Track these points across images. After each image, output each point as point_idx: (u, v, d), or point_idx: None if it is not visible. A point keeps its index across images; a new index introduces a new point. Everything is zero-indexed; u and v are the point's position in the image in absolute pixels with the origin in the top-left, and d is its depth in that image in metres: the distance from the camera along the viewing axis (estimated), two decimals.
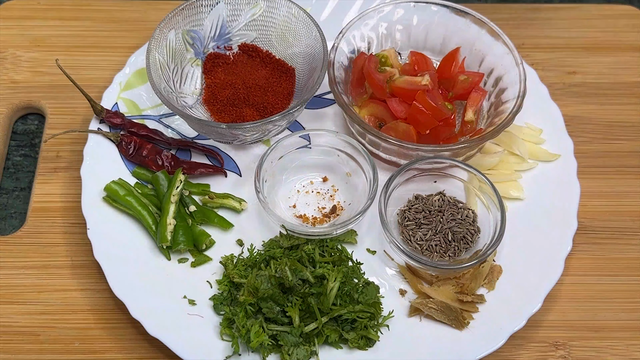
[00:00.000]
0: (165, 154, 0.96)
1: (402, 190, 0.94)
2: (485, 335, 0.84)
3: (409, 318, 0.87)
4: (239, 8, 1.02)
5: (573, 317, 0.90)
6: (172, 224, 0.89)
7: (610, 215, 0.98)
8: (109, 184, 0.92)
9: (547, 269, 0.88)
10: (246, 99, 0.98)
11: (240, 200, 0.94)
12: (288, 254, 0.87)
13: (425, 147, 0.90)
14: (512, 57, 0.96)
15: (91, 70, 1.08)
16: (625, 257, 0.95)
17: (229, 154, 0.99)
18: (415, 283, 0.88)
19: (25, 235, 0.94)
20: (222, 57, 1.03)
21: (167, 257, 0.90)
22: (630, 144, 1.04)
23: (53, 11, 1.14)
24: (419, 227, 0.91)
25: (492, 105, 0.98)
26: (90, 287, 0.90)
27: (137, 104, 1.01)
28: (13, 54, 1.09)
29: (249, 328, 0.81)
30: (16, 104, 1.05)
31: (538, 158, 0.98)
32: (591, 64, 1.12)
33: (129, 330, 0.88)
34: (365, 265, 0.89)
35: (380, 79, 0.95)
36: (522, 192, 0.95)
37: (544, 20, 1.16)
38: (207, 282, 0.88)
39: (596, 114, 1.07)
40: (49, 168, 0.99)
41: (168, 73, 0.98)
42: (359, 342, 0.83)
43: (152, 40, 0.94)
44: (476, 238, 0.91)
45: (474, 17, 0.99)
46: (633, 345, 0.88)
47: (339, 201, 0.95)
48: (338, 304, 0.83)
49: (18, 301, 0.89)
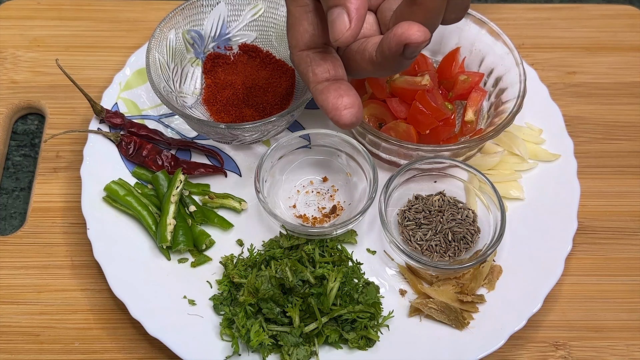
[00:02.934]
0: (165, 154, 0.96)
1: (402, 190, 0.94)
2: (485, 335, 0.84)
3: (409, 318, 0.87)
4: (239, 8, 1.02)
5: (573, 317, 0.90)
6: (172, 224, 0.89)
7: (610, 215, 0.98)
8: (109, 184, 0.92)
9: (547, 269, 0.88)
10: (246, 99, 0.98)
11: (240, 200, 0.94)
12: (288, 254, 0.87)
13: (425, 147, 0.90)
14: (512, 57, 0.96)
15: (91, 70, 1.08)
16: (625, 257, 0.95)
17: (229, 154, 0.99)
18: (415, 283, 0.88)
19: (25, 235, 0.94)
20: (222, 57, 1.03)
21: (167, 257, 0.90)
22: (630, 144, 1.04)
23: (53, 11, 1.14)
24: (419, 227, 0.91)
25: (492, 105, 0.98)
26: (90, 287, 0.90)
27: (137, 104, 1.01)
28: (13, 54, 1.09)
29: (249, 328, 0.81)
30: (16, 104, 1.05)
31: (538, 158, 0.98)
32: (591, 64, 1.12)
33: (129, 330, 0.88)
34: (365, 265, 0.89)
35: (380, 79, 0.95)
36: (522, 192, 0.95)
37: (544, 20, 1.16)
38: (207, 282, 0.88)
39: (596, 114, 1.07)
40: (49, 168, 0.99)
41: (168, 73, 0.98)
42: (359, 342, 0.83)
43: (152, 39, 0.94)
44: (476, 238, 0.91)
45: (474, 17, 0.99)
46: (633, 345, 0.88)
47: (339, 201, 0.95)
48: (338, 304, 0.83)
49: (18, 301, 0.89)
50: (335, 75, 0.70)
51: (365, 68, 0.69)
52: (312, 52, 0.70)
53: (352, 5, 0.63)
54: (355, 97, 0.69)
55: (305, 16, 0.69)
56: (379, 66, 0.67)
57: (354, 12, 0.63)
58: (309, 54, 0.70)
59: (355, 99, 0.69)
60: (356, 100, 0.69)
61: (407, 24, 0.62)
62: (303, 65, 0.71)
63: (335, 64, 0.71)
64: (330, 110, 0.69)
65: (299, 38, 0.70)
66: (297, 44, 0.70)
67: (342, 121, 0.68)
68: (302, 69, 0.71)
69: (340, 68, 0.71)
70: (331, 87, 0.69)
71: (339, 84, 0.70)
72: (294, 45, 0.70)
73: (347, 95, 0.69)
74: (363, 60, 0.69)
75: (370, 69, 0.69)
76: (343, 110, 0.68)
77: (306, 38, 0.70)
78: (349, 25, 0.63)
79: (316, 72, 0.70)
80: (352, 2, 0.63)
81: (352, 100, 0.68)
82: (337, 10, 0.63)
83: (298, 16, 0.70)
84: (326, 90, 0.69)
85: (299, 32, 0.70)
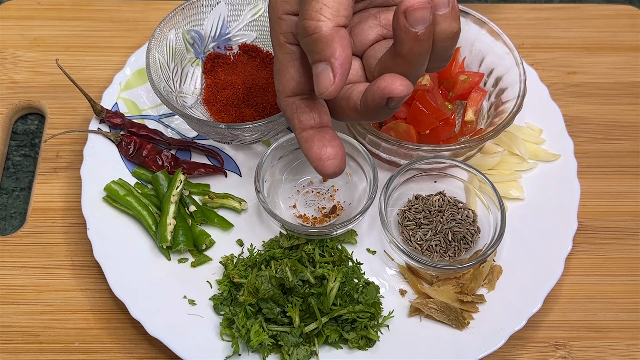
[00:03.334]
0: (165, 154, 0.96)
1: (402, 190, 0.94)
2: (485, 335, 0.84)
3: (409, 318, 0.87)
4: (239, 8, 1.02)
5: (573, 317, 0.90)
6: (172, 224, 0.89)
7: (610, 215, 0.98)
8: (109, 184, 0.92)
9: (547, 269, 0.88)
10: (246, 99, 0.98)
11: (240, 200, 0.94)
12: (288, 254, 0.87)
13: (425, 147, 0.90)
14: (512, 57, 0.96)
15: (91, 70, 1.08)
16: (625, 257, 0.95)
17: (229, 154, 0.99)
18: (415, 283, 0.88)
19: (25, 235, 0.94)
20: (222, 57, 1.03)
21: (167, 257, 0.90)
22: (630, 144, 1.04)
23: (53, 11, 1.14)
24: (419, 227, 0.91)
25: (492, 105, 0.98)
26: (90, 287, 0.90)
27: (137, 104, 1.01)
28: (13, 54, 1.09)
29: (249, 328, 0.82)
30: (16, 104, 1.05)
31: (538, 158, 0.98)
32: (591, 64, 1.12)
33: (129, 330, 0.88)
34: (365, 265, 0.90)
35: None
36: (522, 192, 0.95)
37: (544, 20, 1.16)
38: (207, 282, 0.88)
39: (596, 114, 1.07)
40: (49, 168, 0.99)
41: (168, 73, 0.98)
42: (359, 342, 0.83)
43: (152, 39, 0.94)
44: (476, 238, 0.91)
45: (474, 17, 0.99)
46: (633, 345, 0.88)
47: (339, 201, 0.95)
48: (338, 304, 0.83)
49: (18, 301, 0.89)
50: (321, 123, 0.71)
51: (350, 115, 0.70)
52: (298, 99, 0.71)
53: (337, 61, 0.63)
54: (339, 147, 0.70)
55: (292, 63, 0.70)
56: (363, 115, 0.69)
57: (338, 67, 0.63)
58: (295, 101, 0.71)
59: (339, 150, 0.70)
60: (339, 150, 0.70)
61: (391, 77, 0.63)
62: (289, 111, 0.72)
63: (320, 111, 0.72)
64: (313, 160, 0.70)
65: (286, 85, 0.71)
66: (283, 90, 0.71)
67: (324, 172, 0.70)
68: (287, 115, 0.72)
69: (326, 115, 0.72)
70: (315, 137, 0.70)
71: (323, 133, 0.71)
72: (280, 91, 0.72)
73: (331, 146, 0.70)
74: (348, 107, 0.70)
75: (355, 116, 0.70)
76: (326, 161, 0.70)
77: (292, 85, 0.71)
78: (333, 80, 0.63)
79: (301, 119, 0.71)
80: (336, 57, 0.63)
81: (335, 150, 0.70)
82: (321, 65, 0.64)
83: (285, 63, 0.71)
84: (310, 139, 0.71)
85: (285, 79, 0.71)
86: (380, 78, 0.64)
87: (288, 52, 0.70)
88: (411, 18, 0.60)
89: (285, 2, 0.70)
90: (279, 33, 0.70)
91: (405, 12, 0.60)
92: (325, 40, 0.63)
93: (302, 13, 0.64)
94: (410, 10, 0.60)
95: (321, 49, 0.63)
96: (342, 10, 0.64)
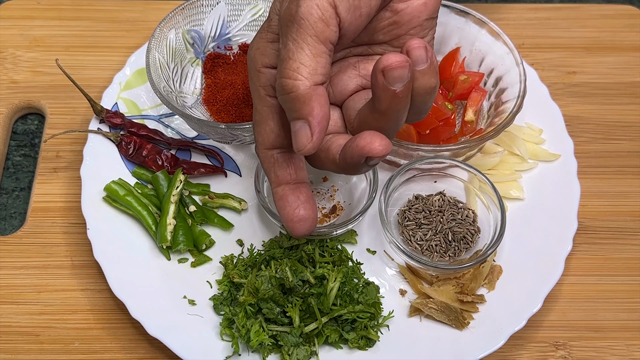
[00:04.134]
0: (165, 154, 0.96)
1: (402, 190, 0.94)
2: (485, 335, 0.84)
3: (409, 318, 0.87)
4: (239, 8, 1.02)
5: (573, 317, 0.90)
6: (172, 224, 0.89)
7: (610, 215, 0.98)
8: (109, 184, 0.92)
9: (547, 269, 0.88)
10: (246, 99, 0.98)
11: (240, 200, 0.94)
12: (288, 254, 0.87)
13: (425, 147, 0.90)
14: (512, 57, 0.96)
15: (91, 70, 1.08)
16: (625, 257, 0.95)
17: (229, 154, 0.99)
18: (415, 283, 0.88)
19: (25, 235, 0.94)
20: (222, 57, 1.03)
21: (167, 257, 0.90)
22: (630, 144, 1.04)
23: (53, 11, 1.14)
24: (419, 227, 0.91)
25: (492, 105, 0.98)
26: (90, 287, 0.90)
27: (137, 104, 1.01)
28: (13, 54, 1.09)
29: (249, 328, 0.82)
30: (16, 104, 1.05)
31: (538, 158, 0.98)
32: (591, 64, 1.12)
33: (129, 330, 0.88)
34: (365, 265, 0.90)
35: None
36: (522, 192, 0.95)
37: (544, 20, 1.16)
38: (207, 282, 0.88)
39: (596, 114, 1.07)
40: (49, 168, 0.99)
41: (168, 73, 0.98)
42: (359, 342, 0.83)
43: (152, 39, 0.94)
44: (476, 238, 0.91)
45: (474, 17, 0.99)
46: (633, 345, 0.88)
47: (339, 201, 0.95)
48: (338, 304, 0.83)
49: (18, 301, 0.89)
50: (297, 179, 0.72)
51: (328, 166, 0.71)
52: (276, 152, 0.72)
53: (314, 120, 0.63)
54: (311, 209, 0.71)
55: (272, 116, 0.70)
56: (341, 168, 0.69)
57: (315, 125, 0.63)
58: (273, 154, 0.72)
59: (311, 212, 0.71)
60: (311, 213, 0.71)
61: (370, 136, 0.63)
62: (267, 164, 0.72)
63: (298, 166, 0.72)
64: (285, 220, 0.71)
65: (265, 137, 0.71)
66: (263, 142, 0.72)
67: (294, 233, 0.71)
68: (265, 167, 0.73)
69: (302, 171, 0.73)
70: (290, 196, 0.71)
71: (298, 193, 0.71)
72: (260, 142, 0.72)
73: (304, 208, 0.71)
74: (327, 159, 0.70)
75: (333, 168, 0.70)
76: (297, 223, 0.71)
77: (272, 138, 0.71)
78: (311, 138, 0.64)
79: (278, 174, 0.72)
80: (313, 116, 0.63)
81: (307, 213, 0.71)
82: (299, 123, 0.64)
83: (265, 115, 0.71)
84: (285, 197, 0.71)
85: (265, 132, 0.71)
86: (359, 136, 0.64)
87: (268, 105, 0.70)
88: (389, 76, 0.60)
89: (264, 56, 0.70)
90: (259, 85, 0.70)
91: (383, 71, 0.60)
92: (302, 99, 0.63)
93: (280, 71, 0.64)
94: (389, 69, 0.59)
95: (299, 107, 0.63)
96: (320, 68, 0.63)
